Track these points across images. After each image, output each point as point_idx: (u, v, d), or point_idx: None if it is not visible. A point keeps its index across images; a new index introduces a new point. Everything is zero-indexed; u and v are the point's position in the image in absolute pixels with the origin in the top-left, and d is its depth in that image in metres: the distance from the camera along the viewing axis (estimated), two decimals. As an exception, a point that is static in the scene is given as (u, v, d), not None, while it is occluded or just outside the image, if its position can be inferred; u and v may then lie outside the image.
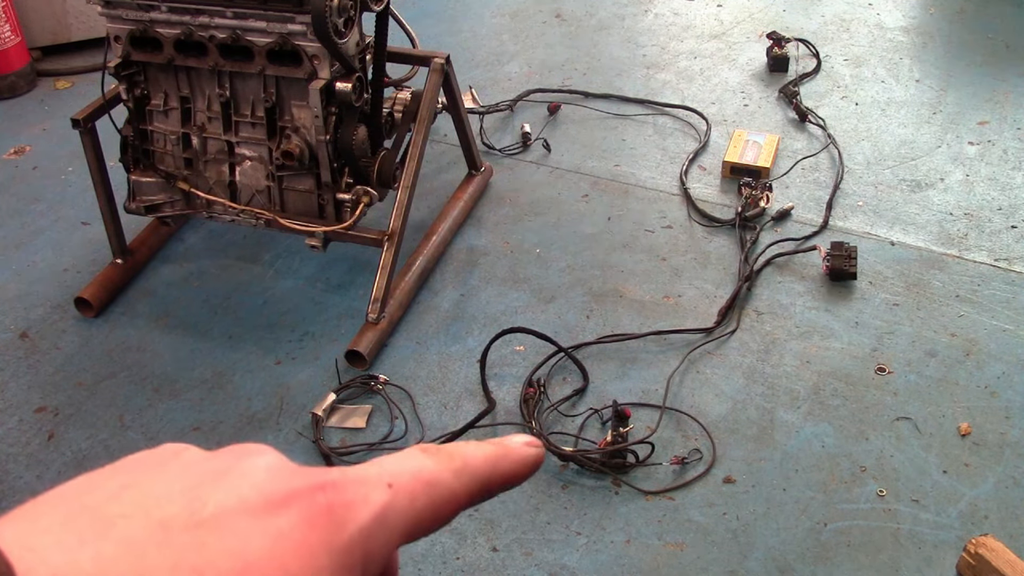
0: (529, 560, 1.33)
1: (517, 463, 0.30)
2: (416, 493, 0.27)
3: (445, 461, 0.28)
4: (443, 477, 0.28)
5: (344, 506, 0.25)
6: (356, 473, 0.26)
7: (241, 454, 0.26)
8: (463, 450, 0.29)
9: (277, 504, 0.24)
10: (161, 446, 0.27)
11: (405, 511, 0.26)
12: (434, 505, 0.27)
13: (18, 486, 1.45)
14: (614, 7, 2.79)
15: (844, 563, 1.31)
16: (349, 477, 0.26)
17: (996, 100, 2.29)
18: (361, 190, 1.64)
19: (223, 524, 0.23)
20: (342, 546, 0.24)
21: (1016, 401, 1.52)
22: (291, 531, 0.23)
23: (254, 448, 0.27)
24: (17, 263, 1.91)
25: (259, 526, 0.23)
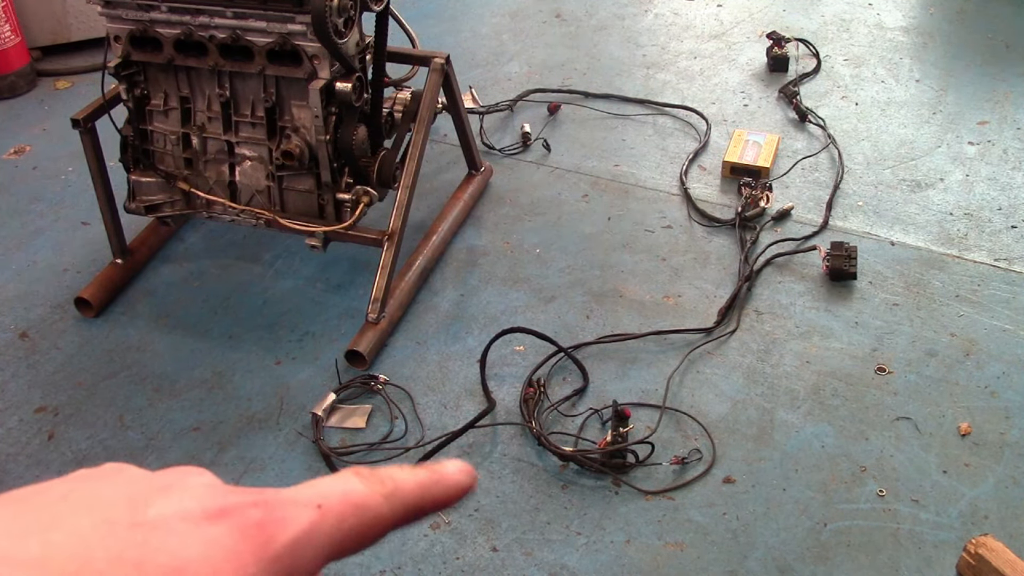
0: (529, 560, 1.33)
1: (448, 489, 0.32)
2: (344, 515, 0.29)
3: (376, 485, 0.30)
4: (372, 500, 0.29)
5: (274, 522, 0.27)
6: (289, 494, 0.28)
7: (182, 474, 0.29)
8: (396, 475, 0.31)
9: (214, 515, 0.26)
10: (104, 465, 0.29)
11: (332, 531, 0.28)
12: (361, 526, 0.29)
13: (18, 486, 1.45)
14: (614, 7, 2.79)
15: (844, 563, 1.31)
16: (282, 497, 0.28)
17: (996, 100, 2.29)
18: (361, 190, 1.65)
19: (164, 527, 0.25)
20: (270, 557, 0.26)
21: (1016, 401, 1.52)
22: (225, 539, 0.25)
23: (194, 470, 0.30)
24: (17, 263, 1.91)
25: (197, 532, 0.25)
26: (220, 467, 1.47)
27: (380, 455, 1.48)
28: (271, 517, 0.27)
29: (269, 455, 1.49)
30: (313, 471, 1.46)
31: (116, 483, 0.27)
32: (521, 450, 1.48)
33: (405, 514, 0.31)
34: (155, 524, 0.25)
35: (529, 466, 1.46)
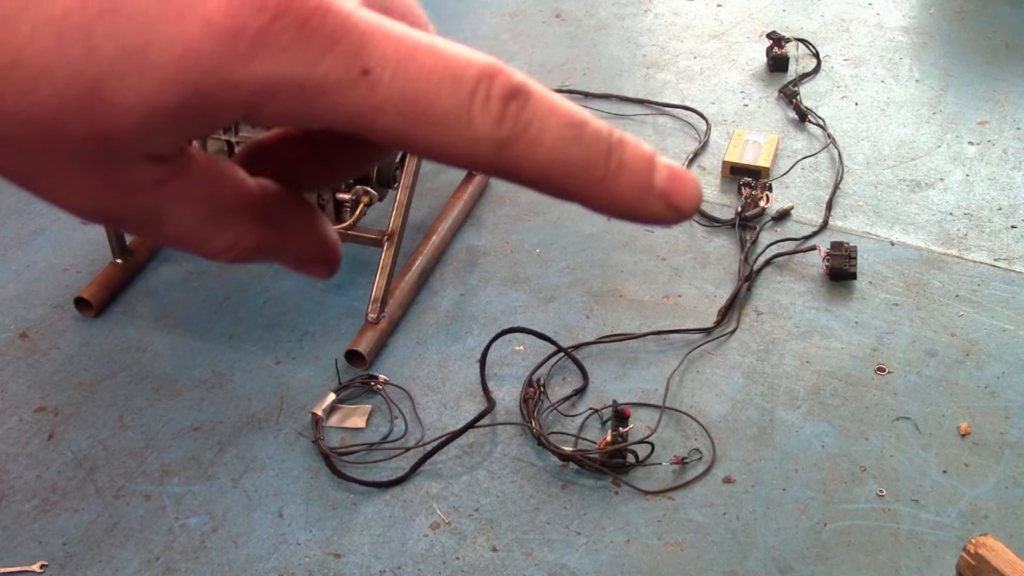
0: (529, 560, 1.33)
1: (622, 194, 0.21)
2: (395, 102, 0.19)
3: (495, 104, 0.19)
4: (459, 124, 0.19)
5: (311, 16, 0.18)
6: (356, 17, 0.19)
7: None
8: (552, 114, 0.20)
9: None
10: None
11: (348, 104, 0.19)
12: (407, 137, 0.19)
13: (18, 486, 1.46)
14: (614, 7, 2.79)
15: (844, 563, 1.31)
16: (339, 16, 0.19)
17: (996, 100, 2.29)
18: (361, 190, 1.65)
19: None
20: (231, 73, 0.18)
21: (1016, 401, 1.52)
22: None
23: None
24: (17, 263, 1.91)
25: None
26: (220, 467, 1.47)
27: (380, 455, 1.48)
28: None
29: (269, 455, 1.49)
30: (313, 471, 1.46)
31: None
32: (521, 450, 1.48)
33: (505, 171, 0.20)
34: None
35: (529, 466, 1.46)
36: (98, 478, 1.47)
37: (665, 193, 0.21)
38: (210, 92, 0.18)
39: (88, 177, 0.20)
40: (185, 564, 1.34)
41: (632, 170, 0.21)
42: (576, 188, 0.21)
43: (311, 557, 1.35)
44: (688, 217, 0.22)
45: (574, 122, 0.20)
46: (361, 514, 1.40)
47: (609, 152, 0.21)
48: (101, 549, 1.36)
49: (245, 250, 0.22)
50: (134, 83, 0.18)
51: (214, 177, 0.22)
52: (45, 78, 0.17)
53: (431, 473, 1.45)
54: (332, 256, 0.25)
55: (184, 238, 0.22)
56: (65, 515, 1.41)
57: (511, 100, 0.20)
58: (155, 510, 1.41)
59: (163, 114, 0.18)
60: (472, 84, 0.19)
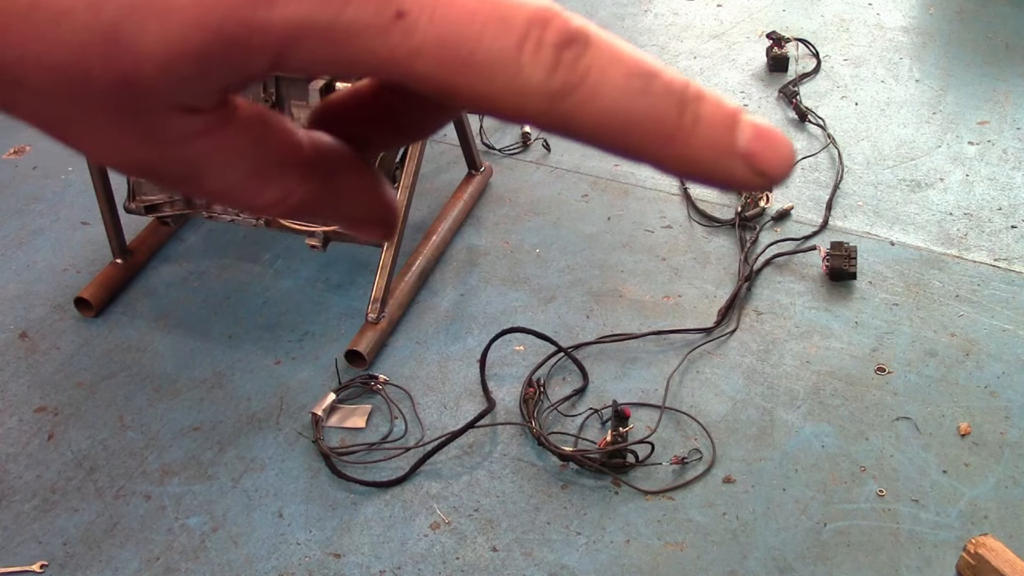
0: (529, 560, 1.33)
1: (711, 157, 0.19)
2: (441, 56, 0.18)
3: (546, 54, 0.18)
4: (516, 80, 0.18)
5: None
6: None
7: None
8: (615, 66, 0.18)
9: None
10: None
11: (399, 56, 0.18)
12: (459, 89, 0.18)
13: (18, 486, 1.46)
14: (614, 7, 2.79)
15: (844, 563, 1.31)
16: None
17: (996, 100, 2.29)
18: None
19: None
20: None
21: (1016, 401, 1.52)
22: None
23: None
24: (17, 263, 1.91)
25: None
26: (220, 467, 1.47)
27: (380, 455, 1.48)
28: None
29: (269, 455, 1.49)
30: (313, 471, 1.46)
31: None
32: (521, 450, 1.48)
33: (565, 127, 0.19)
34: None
35: (529, 466, 1.46)
36: (98, 478, 1.47)
37: (749, 154, 0.19)
38: (233, 36, 0.17)
39: (120, 127, 0.19)
40: (185, 564, 1.34)
41: (710, 127, 0.19)
42: (643, 146, 0.19)
43: (311, 557, 1.35)
44: (778, 183, 0.20)
45: (641, 72, 0.18)
46: (361, 514, 1.40)
47: (683, 106, 0.19)
48: (101, 549, 1.36)
49: (294, 205, 0.21)
50: (154, 26, 0.17)
51: (259, 129, 0.21)
52: (65, 20, 0.17)
53: (431, 473, 1.45)
54: (389, 217, 0.24)
55: (228, 192, 0.21)
56: (65, 515, 1.41)
57: (567, 47, 0.18)
58: (155, 510, 1.41)
59: (186, 60, 0.17)
60: (522, 29, 0.18)
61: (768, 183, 0.20)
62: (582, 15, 0.18)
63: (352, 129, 0.24)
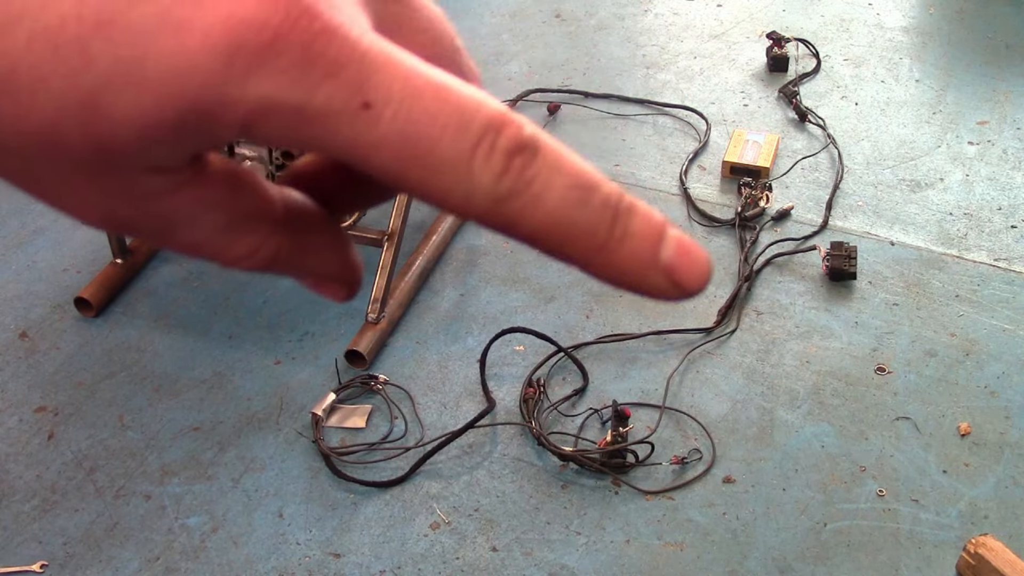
0: (529, 560, 1.33)
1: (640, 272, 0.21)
2: (396, 144, 0.18)
3: (498, 158, 0.19)
4: (457, 179, 0.19)
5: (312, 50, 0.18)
6: (363, 51, 0.18)
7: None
8: (559, 177, 0.19)
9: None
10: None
11: (352, 137, 0.18)
12: (413, 179, 0.19)
13: (18, 486, 1.46)
14: (614, 7, 2.79)
15: (844, 563, 1.31)
16: (343, 42, 0.18)
17: (996, 100, 2.29)
18: (361, 190, 1.64)
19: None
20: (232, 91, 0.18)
21: (1016, 401, 1.52)
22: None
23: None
24: (17, 263, 1.91)
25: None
26: (220, 467, 1.47)
27: (380, 455, 1.48)
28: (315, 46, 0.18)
29: (269, 455, 1.49)
30: (313, 471, 1.46)
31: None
32: (521, 450, 1.48)
33: (501, 226, 0.20)
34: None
35: (529, 466, 1.46)
36: (98, 478, 1.47)
37: (670, 269, 0.20)
38: (206, 108, 0.18)
39: (95, 187, 0.19)
40: (185, 564, 1.34)
41: (638, 241, 0.20)
42: (575, 253, 0.20)
43: (311, 557, 1.35)
44: (693, 295, 0.21)
45: (582, 184, 0.19)
46: (361, 514, 1.40)
47: (615, 219, 0.20)
48: (101, 549, 1.36)
49: (262, 259, 0.22)
50: (131, 96, 0.18)
51: (231, 184, 0.21)
52: (42, 87, 0.17)
53: (431, 473, 1.45)
54: (352, 277, 0.25)
55: (200, 246, 0.21)
56: (65, 515, 1.41)
57: (517, 154, 0.19)
58: (155, 510, 1.41)
59: (160, 128, 0.18)
60: (477, 133, 0.18)
61: (684, 295, 0.21)
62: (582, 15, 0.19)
63: (319, 191, 0.24)
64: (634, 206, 0.20)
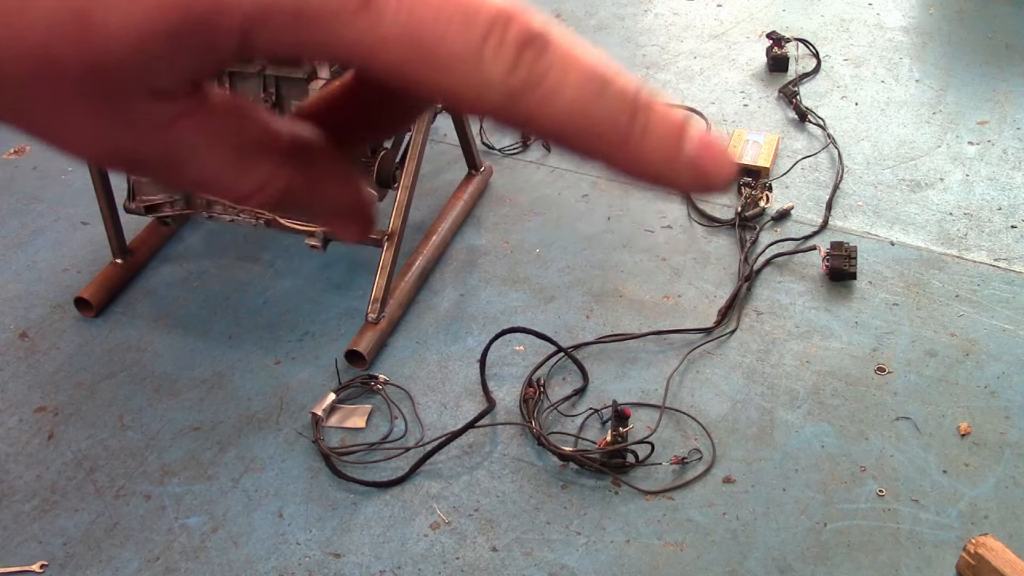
0: (529, 560, 1.33)
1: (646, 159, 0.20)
2: (408, 41, 0.18)
3: (507, 53, 0.18)
4: (477, 73, 0.18)
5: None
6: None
7: None
8: (574, 66, 0.19)
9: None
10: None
11: (366, 40, 0.18)
12: (427, 80, 0.18)
13: (18, 486, 1.46)
14: (614, 7, 2.79)
15: (844, 563, 1.31)
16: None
17: (996, 100, 2.29)
18: (361, 190, 1.64)
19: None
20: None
21: (1016, 401, 1.52)
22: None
23: None
24: (17, 263, 1.91)
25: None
26: (220, 467, 1.47)
27: (380, 455, 1.48)
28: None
29: (269, 455, 1.49)
30: (313, 471, 1.46)
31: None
32: (521, 450, 1.48)
33: (520, 121, 0.19)
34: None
35: (529, 466, 1.46)
36: (98, 478, 1.47)
37: (694, 163, 0.20)
38: (201, 16, 0.17)
39: (94, 115, 0.19)
40: (185, 564, 1.34)
41: (659, 135, 0.19)
42: (595, 148, 0.19)
43: (311, 557, 1.35)
44: (719, 190, 0.20)
45: (597, 76, 0.19)
46: (361, 514, 1.40)
47: (634, 113, 0.19)
48: (101, 549, 1.36)
49: (273, 192, 0.21)
50: (123, 7, 0.17)
51: (237, 115, 0.21)
52: (31, 6, 0.17)
53: (431, 473, 1.45)
54: (365, 212, 0.24)
55: (208, 180, 0.21)
56: (65, 515, 1.41)
57: (527, 47, 0.18)
58: (155, 510, 1.41)
59: (155, 41, 0.17)
60: (485, 26, 0.18)
61: (710, 189, 0.20)
62: (582, 15, 0.19)
63: (327, 128, 0.24)
64: (652, 100, 0.20)
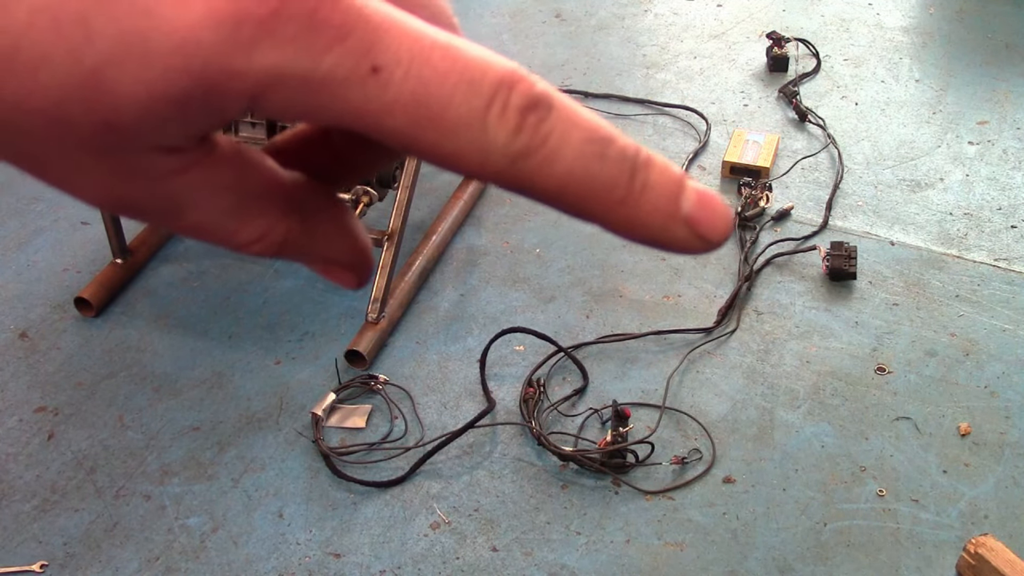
0: (529, 560, 1.33)
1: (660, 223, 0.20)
2: (406, 106, 0.18)
3: (511, 116, 0.18)
4: (476, 140, 0.18)
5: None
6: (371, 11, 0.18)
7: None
8: (575, 128, 0.19)
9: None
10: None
11: (365, 106, 0.18)
12: (424, 142, 0.19)
13: (18, 486, 1.46)
14: (614, 7, 2.79)
15: (844, 563, 1.31)
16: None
17: (996, 100, 2.29)
18: (361, 190, 1.65)
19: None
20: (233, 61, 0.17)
21: (1016, 401, 1.52)
22: None
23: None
24: (17, 263, 1.91)
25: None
26: (220, 467, 1.47)
27: (380, 455, 1.48)
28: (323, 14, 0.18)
29: (269, 455, 1.49)
30: (313, 471, 1.46)
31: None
32: (521, 450, 1.48)
33: (518, 185, 0.19)
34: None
35: (529, 466, 1.46)
36: (98, 478, 1.47)
37: (692, 220, 0.20)
38: (213, 81, 0.17)
39: (101, 167, 0.19)
40: (185, 564, 1.34)
41: (657, 193, 0.20)
42: (595, 209, 0.20)
43: (311, 557, 1.35)
44: (717, 247, 0.20)
45: (598, 138, 0.19)
46: (361, 514, 1.40)
47: (634, 172, 0.20)
48: (101, 549, 1.36)
49: (272, 243, 0.22)
50: (135, 71, 0.17)
51: (240, 166, 0.21)
52: (45, 65, 0.17)
53: (431, 473, 1.45)
54: (363, 261, 0.24)
55: (208, 229, 0.21)
56: (65, 515, 1.41)
57: (530, 111, 0.19)
58: (155, 510, 1.41)
59: (166, 103, 0.18)
60: (490, 91, 0.18)
61: (707, 247, 0.20)
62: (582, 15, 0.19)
63: (300, 168, 0.24)
64: (652, 159, 0.20)
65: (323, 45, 0.18)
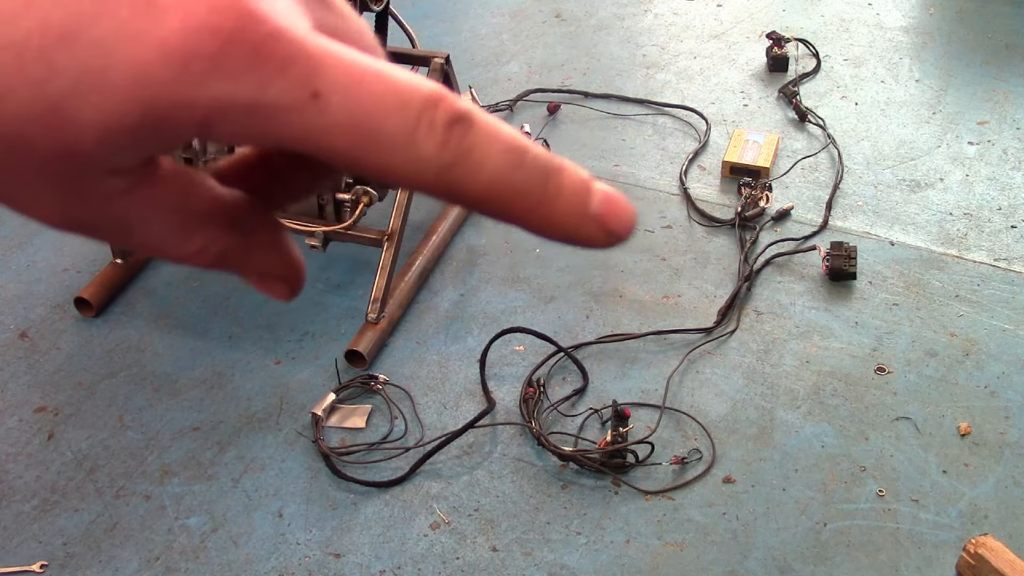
0: (529, 560, 1.33)
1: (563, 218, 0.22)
2: (343, 125, 0.20)
3: (442, 128, 0.20)
4: (409, 151, 0.20)
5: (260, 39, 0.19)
6: (306, 43, 0.20)
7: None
8: (497, 148, 0.21)
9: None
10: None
11: (300, 126, 0.20)
12: (366, 162, 0.20)
13: (18, 486, 1.46)
14: (614, 7, 2.79)
15: (844, 563, 1.31)
16: (289, 39, 0.19)
17: (996, 100, 2.29)
18: (361, 190, 1.65)
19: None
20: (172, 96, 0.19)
21: (1016, 401, 1.53)
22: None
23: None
24: (17, 263, 1.91)
25: None
26: (220, 467, 1.47)
27: (380, 455, 1.48)
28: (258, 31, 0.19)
29: (269, 455, 1.49)
30: (313, 471, 1.46)
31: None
32: (521, 450, 1.48)
33: (463, 198, 0.21)
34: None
35: (529, 466, 1.46)
36: (98, 478, 1.47)
37: (600, 218, 0.22)
38: (164, 111, 0.19)
39: (57, 190, 0.21)
40: (185, 564, 1.34)
41: (569, 195, 0.22)
42: (516, 212, 0.22)
43: (311, 557, 1.35)
44: (622, 241, 0.23)
45: (515, 148, 0.21)
46: (361, 514, 1.40)
47: (547, 177, 0.22)
48: (101, 549, 1.36)
49: (211, 256, 0.24)
50: (94, 102, 0.19)
51: (182, 185, 0.23)
52: (9, 97, 0.19)
53: (431, 473, 1.45)
54: (295, 275, 0.26)
55: (153, 244, 0.23)
56: (65, 515, 1.41)
57: (454, 125, 0.20)
58: (155, 510, 1.41)
59: (122, 131, 0.19)
60: (417, 109, 0.20)
61: (615, 241, 0.23)
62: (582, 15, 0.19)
63: (246, 187, 0.26)
64: (563, 165, 0.22)
65: (267, 76, 0.19)
